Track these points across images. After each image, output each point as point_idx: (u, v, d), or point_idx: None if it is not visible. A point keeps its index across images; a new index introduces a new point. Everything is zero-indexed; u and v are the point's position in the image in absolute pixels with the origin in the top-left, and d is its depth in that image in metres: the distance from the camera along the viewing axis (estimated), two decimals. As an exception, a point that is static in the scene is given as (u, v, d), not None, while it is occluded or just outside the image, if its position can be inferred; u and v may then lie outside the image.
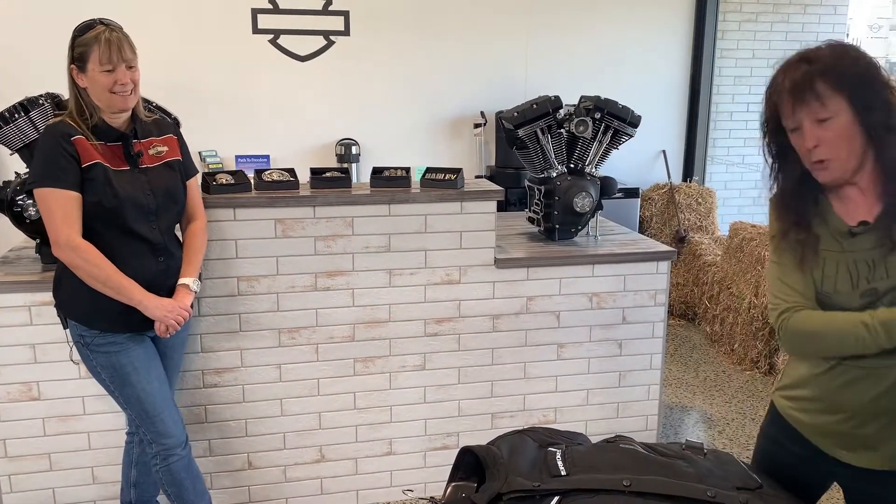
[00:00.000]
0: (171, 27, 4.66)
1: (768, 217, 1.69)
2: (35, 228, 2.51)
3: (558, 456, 1.64)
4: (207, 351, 2.73)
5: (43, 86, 2.64)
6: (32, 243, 2.73)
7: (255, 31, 4.87)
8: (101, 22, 2.13)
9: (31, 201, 2.44)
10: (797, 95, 1.47)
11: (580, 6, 5.36)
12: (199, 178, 2.46)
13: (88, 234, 2.12)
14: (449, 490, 1.68)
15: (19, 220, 2.53)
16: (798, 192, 1.58)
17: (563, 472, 1.57)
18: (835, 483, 1.70)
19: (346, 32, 5.01)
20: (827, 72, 1.46)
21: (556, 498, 1.52)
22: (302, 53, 4.98)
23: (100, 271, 2.10)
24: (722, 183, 5.96)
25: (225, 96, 4.88)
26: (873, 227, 1.51)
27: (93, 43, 2.08)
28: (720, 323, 4.76)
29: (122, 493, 2.57)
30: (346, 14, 4.99)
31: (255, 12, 4.84)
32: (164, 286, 2.25)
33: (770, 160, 1.63)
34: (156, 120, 2.35)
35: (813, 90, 1.46)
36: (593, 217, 3.16)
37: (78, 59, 2.10)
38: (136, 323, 2.20)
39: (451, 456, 2.98)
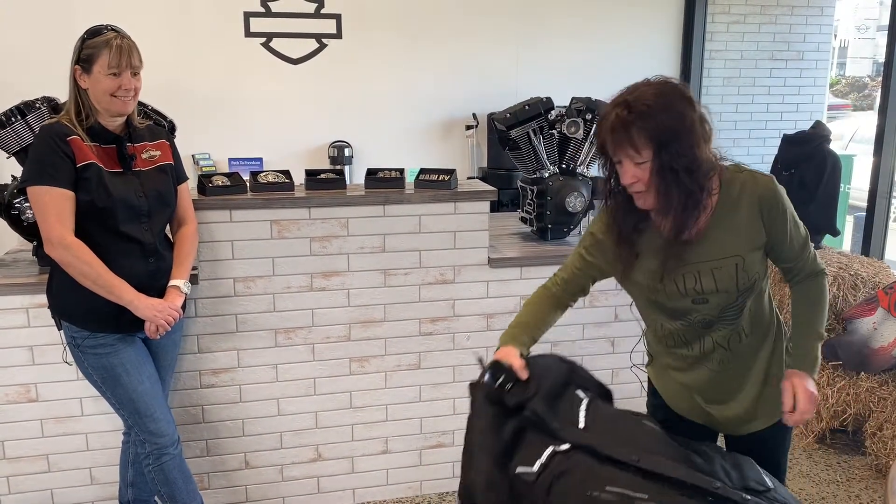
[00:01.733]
0: (163, 30, 4.68)
1: (597, 216, 1.89)
2: (32, 231, 2.52)
3: (583, 406, 1.66)
4: (204, 351, 2.75)
5: (40, 90, 2.66)
6: (30, 246, 2.75)
7: (248, 34, 4.89)
8: (113, 29, 2.17)
9: (28, 204, 2.45)
10: (616, 139, 1.61)
11: (570, 8, 5.40)
12: (189, 183, 2.48)
13: (80, 233, 2.14)
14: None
15: (16, 222, 2.55)
16: (626, 210, 1.74)
17: (581, 425, 1.60)
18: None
19: (338, 35, 5.04)
20: (643, 122, 1.58)
21: (567, 446, 1.55)
22: (294, 56, 5.01)
23: (91, 269, 2.13)
24: (712, 183, 6.00)
25: (218, 99, 4.90)
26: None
27: (103, 47, 2.12)
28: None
29: (119, 492, 2.59)
30: (338, 17, 5.02)
31: (248, 15, 4.86)
32: (154, 287, 2.27)
33: (606, 177, 1.76)
34: (149, 126, 2.38)
35: (630, 138, 1.59)
36: (585, 217, 3.20)
37: (84, 60, 2.13)
38: (127, 324, 2.22)
39: (447, 454, 3.02)
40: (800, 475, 3.27)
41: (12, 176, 2.62)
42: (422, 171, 2.96)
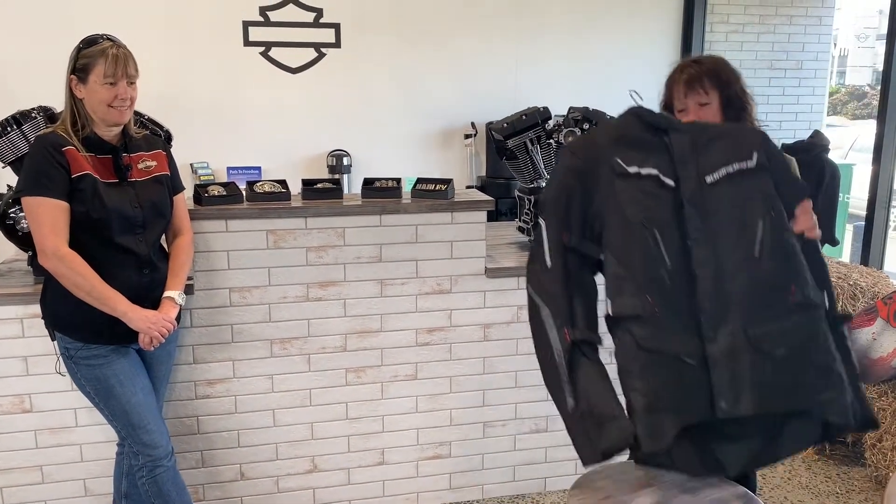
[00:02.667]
0: (162, 39, 4.69)
1: None
2: (27, 241, 2.51)
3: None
4: (199, 362, 2.74)
5: (36, 99, 2.66)
6: (24, 256, 2.74)
7: (247, 43, 4.90)
8: (108, 38, 2.17)
9: (23, 214, 2.45)
10: (690, 85, 2.05)
11: (569, 18, 5.42)
12: (185, 194, 2.48)
13: (75, 244, 2.13)
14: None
15: (11, 232, 2.54)
16: None
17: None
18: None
19: (337, 45, 5.05)
20: (711, 68, 2.07)
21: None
22: (293, 65, 5.02)
23: (85, 281, 2.11)
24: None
25: (217, 108, 4.91)
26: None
27: (98, 56, 2.11)
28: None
29: (113, 504, 2.57)
30: (337, 26, 5.03)
31: (247, 25, 4.87)
32: (149, 299, 2.26)
33: None
34: (145, 136, 2.37)
35: (700, 82, 2.05)
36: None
37: (80, 70, 2.13)
38: (121, 335, 2.21)
39: (443, 465, 3.01)
40: (799, 486, 3.25)
41: (7, 185, 2.61)
42: (419, 180, 2.95)
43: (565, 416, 1.66)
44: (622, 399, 1.63)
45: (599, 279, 1.76)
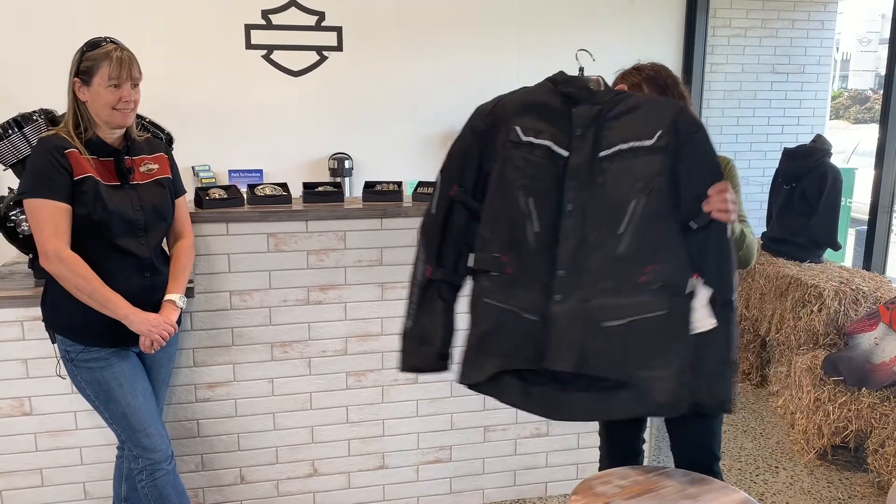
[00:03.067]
0: (164, 42, 4.69)
1: None
2: (28, 243, 2.51)
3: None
4: (200, 365, 2.73)
5: (38, 102, 2.66)
6: (25, 258, 2.74)
7: (249, 46, 4.90)
8: (112, 41, 2.17)
9: (24, 216, 2.44)
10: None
11: (570, 21, 5.41)
12: (186, 197, 2.48)
13: (76, 247, 2.13)
14: None
15: (12, 235, 2.53)
16: None
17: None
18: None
19: (339, 48, 5.05)
20: (648, 79, 2.22)
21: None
22: (295, 69, 5.02)
23: (86, 283, 2.11)
24: (713, 196, 5.99)
25: (218, 111, 4.91)
26: None
27: (102, 59, 2.11)
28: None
29: (113, 507, 2.57)
30: (338, 30, 5.03)
31: (249, 28, 4.87)
32: (150, 302, 2.26)
33: None
34: (147, 139, 2.37)
35: (638, 87, 2.18)
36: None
37: (84, 72, 2.12)
38: (121, 338, 2.21)
39: (444, 470, 3.00)
40: (801, 492, 3.23)
41: (9, 188, 2.61)
42: (420, 183, 2.95)
43: (402, 333, 1.95)
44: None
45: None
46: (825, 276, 3.91)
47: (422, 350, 1.91)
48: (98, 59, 2.12)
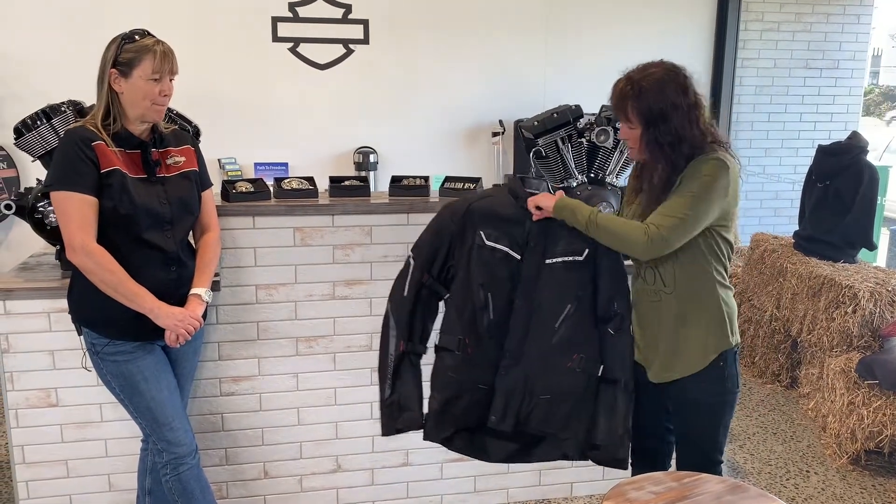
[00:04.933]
0: (191, 35, 4.69)
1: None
2: (55, 235, 2.51)
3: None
4: (225, 359, 2.72)
5: (64, 94, 2.66)
6: (52, 249, 2.74)
7: (276, 39, 4.89)
8: (149, 34, 2.16)
9: (51, 208, 2.44)
10: (616, 105, 2.07)
11: (599, 15, 5.34)
12: (213, 190, 2.46)
13: (103, 240, 2.12)
14: None
15: (40, 226, 2.54)
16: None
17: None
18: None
19: (365, 41, 5.02)
20: (636, 101, 1.99)
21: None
22: (321, 62, 5.00)
23: (112, 276, 2.10)
24: (742, 193, 5.88)
25: (244, 104, 4.90)
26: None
27: (145, 52, 2.10)
28: (741, 335, 4.70)
29: (137, 500, 2.56)
30: (365, 23, 5.00)
31: (276, 21, 4.86)
32: (176, 295, 2.24)
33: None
34: (174, 131, 2.35)
35: (624, 109, 2.03)
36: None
37: (123, 63, 2.10)
38: (147, 331, 2.19)
39: (467, 467, 2.97)
40: (833, 497, 3.16)
41: (37, 179, 2.61)
42: (447, 178, 2.91)
43: (381, 400, 2.32)
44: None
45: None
46: (860, 276, 3.81)
47: (403, 416, 2.30)
48: (141, 52, 2.10)
